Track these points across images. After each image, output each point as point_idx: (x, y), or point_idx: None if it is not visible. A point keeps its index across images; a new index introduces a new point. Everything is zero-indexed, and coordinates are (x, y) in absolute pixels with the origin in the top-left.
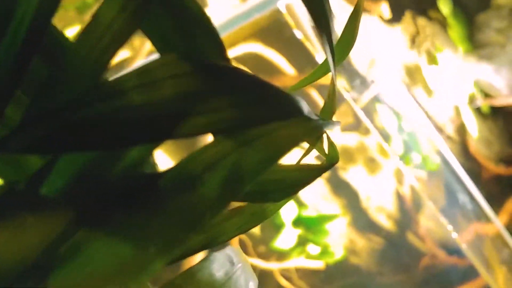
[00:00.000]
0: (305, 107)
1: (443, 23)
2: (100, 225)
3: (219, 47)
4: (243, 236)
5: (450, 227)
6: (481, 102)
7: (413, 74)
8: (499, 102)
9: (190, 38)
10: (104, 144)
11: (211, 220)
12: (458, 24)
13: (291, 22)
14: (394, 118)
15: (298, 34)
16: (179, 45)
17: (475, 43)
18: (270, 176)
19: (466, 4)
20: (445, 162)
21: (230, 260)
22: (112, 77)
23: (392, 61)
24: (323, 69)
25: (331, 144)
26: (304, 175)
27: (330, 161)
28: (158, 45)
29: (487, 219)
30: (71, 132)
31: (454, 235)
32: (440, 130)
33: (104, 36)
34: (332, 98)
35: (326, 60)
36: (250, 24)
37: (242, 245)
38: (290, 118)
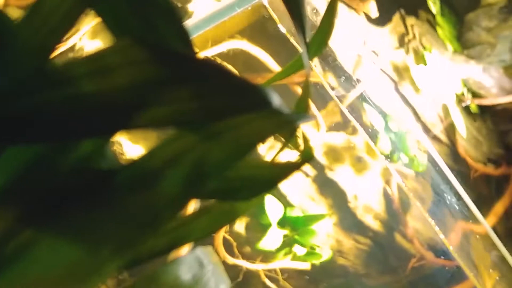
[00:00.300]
0: (276, 100)
1: (432, 23)
2: (48, 225)
3: (182, 34)
4: (227, 236)
5: (437, 229)
6: (469, 102)
7: (401, 72)
8: (487, 101)
9: (149, 22)
10: (51, 136)
11: (172, 220)
12: (447, 23)
13: (275, 16)
14: (381, 117)
15: (282, 29)
16: (136, 29)
17: (464, 43)
18: (239, 173)
19: (456, 3)
20: (433, 162)
21: (200, 263)
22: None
23: (380, 59)
24: (299, 62)
25: (305, 140)
26: (277, 172)
27: (304, 158)
28: (113, 28)
29: (475, 220)
30: (14, 123)
31: (442, 236)
32: (428, 129)
33: (51, 17)
34: (306, 92)
35: (297, 60)
36: (234, 20)
37: (227, 245)
38: (258, 110)
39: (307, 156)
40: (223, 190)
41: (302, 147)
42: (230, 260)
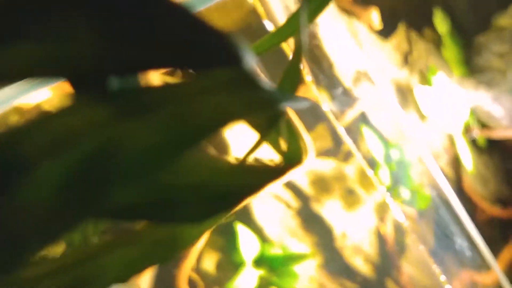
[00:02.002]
0: (250, 59)
1: (437, 43)
2: None
3: None
4: (193, 275)
5: (442, 278)
6: (477, 133)
7: (404, 94)
8: (497, 134)
9: None
10: None
11: (41, 248)
12: (454, 45)
13: (261, 11)
14: (381, 143)
15: (269, 26)
16: None
17: (472, 67)
18: (183, 178)
19: (464, 24)
20: (441, 198)
21: None
22: None
23: (381, 77)
24: (296, 21)
25: (293, 135)
26: (245, 181)
27: (288, 161)
28: None
29: (485, 268)
30: None
31: (448, 287)
32: (433, 161)
33: None
34: (298, 58)
35: (294, 17)
36: (212, 11)
37: (192, 285)
38: (217, 68)
39: (292, 159)
40: (154, 205)
41: (288, 145)
42: None
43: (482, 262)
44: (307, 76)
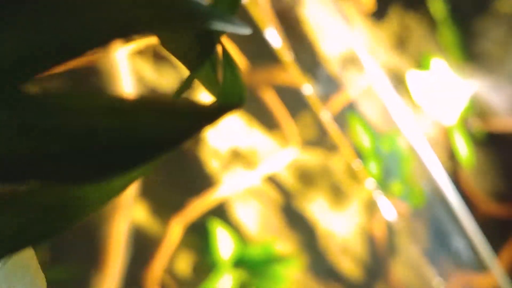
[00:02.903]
0: None
1: (433, 28)
2: None
3: None
4: (165, 277)
5: (437, 280)
6: (475, 124)
7: (396, 81)
8: (496, 125)
9: None
10: None
11: None
12: (450, 30)
13: None
14: (371, 133)
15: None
16: None
17: (469, 54)
18: (70, 123)
19: (461, 8)
20: (434, 193)
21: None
22: None
23: (372, 62)
24: None
25: (231, 70)
26: (159, 125)
27: (225, 101)
28: None
29: (484, 268)
30: None
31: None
32: (428, 154)
33: None
34: None
35: None
36: None
37: None
38: None
39: (231, 99)
40: (31, 160)
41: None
42: None
43: (481, 263)
44: (287, 54)
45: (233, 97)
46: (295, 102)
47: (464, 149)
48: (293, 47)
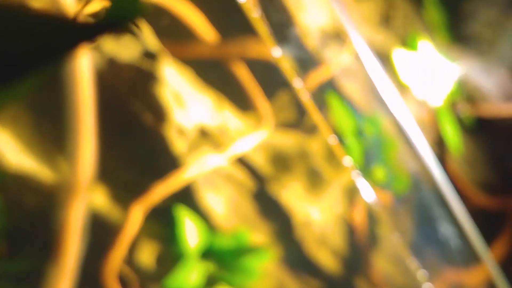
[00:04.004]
0: None
1: (420, 6)
2: None
3: None
4: (125, 268)
5: (422, 273)
6: (463, 110)
7: (381, 59)
8: (485, 111)
9: None
10: None
11: None
12: (438, 9)
13: None
14: (352, 114)
15: None
16: None
17: (457, 35)
18: None
19: None
20: (421, 178)
21: None
22: None
23: (355, 37)
24: None
25: None
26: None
27: (115, 15)
28: None
29: (475, 261)
30: None
31: (427, 286)
32: (414, 137)
33: None
34: None
35: None
36: None
37: (124, 281)
38: None
39: (123, 12)
40: None
41: None
42: None
43: (471, 255)
44: (261, 27)
45: (124, 13)
46: (269, 78)
47: (452, 135)
48: (270, 17)
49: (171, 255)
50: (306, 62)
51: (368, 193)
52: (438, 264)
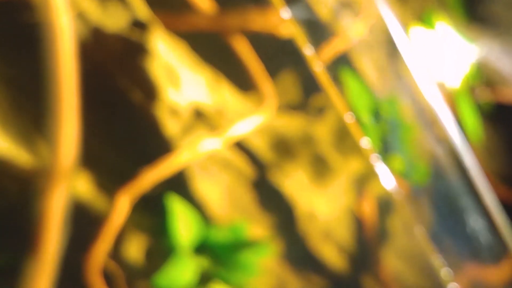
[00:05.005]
0: None
1: None
2: None
3: None
4: (110, 263)
5: (445, 271)
6: (482, 95)
7: (398, 37)
8: (504, 96)
9: None
10: None
11: None
12: None
13: None
14: (368, 94)
15: None
16: None
17: (475, 17)
18: None
19: None
20: (444, 167)
21: None
22: None
23: (371, 11)
24: None
25: None
26: None
27: None
28: None
29: (506, 255)
30: None
31: (453, 286)
32: (440, 119)
33: None
34: None
35: None
36: None
37: (109, 277)
38: None
39: None
40: None
41: None
42: None
43: (502, 251)
44: None
45: None
46: (273, 54)
47: (471, 122)
48: None
49: (161, 249)
50: (318, 33)
51: (387, 180)
52: (464, 261)
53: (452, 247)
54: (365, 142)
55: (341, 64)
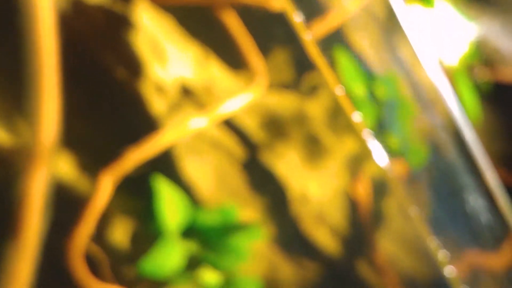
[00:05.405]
0: None
1: None
2: None
3: None
4: (94, 248)
5: (443, 254)
6: (480, 74)
7: (395, 12)
8: (505, 76)
9: None
10: None
11: None
12: None
13: None
14: (363, 72)
15: None
16: None
17: None
18: None
19: None
20: (443, 145)
21: None
22: None
23: None
24: None
25: None
26: None
27: None
28: None
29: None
30: None
31: (450, 269)
32: (430, 102)
33: None
34: None
35: None
36: None
37: (92, 262)
38: None
39: None
40: None
41: None
42: None
43: (504, 232)
44: None
45: None
46: (265, 30)
47: (470, 102)
48: None
49: (147, 233)
50: (311, 6)
51: (382, 160)
52: (462, 244)
53: (451, 229)
54: (360, 121)
55: (335, 39)
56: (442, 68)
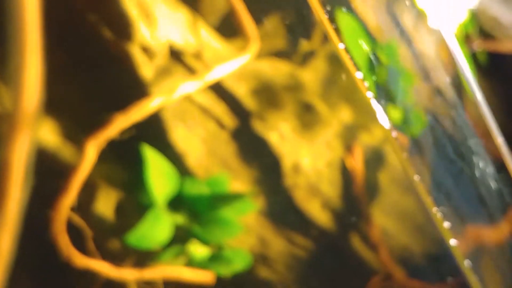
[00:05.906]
0: None
1: None
2: None
3: None
4: (78, 220)
5: (447, 225)
6: (478, 45)
7: None
8: (503, 47)
9: None
10: None
11: None
12: None
13: None
14: (364, 38)
15: None
16: None
17: None
18: None
19: None
20: (440, 116)
21: None
22: None
23: None
24: None
25: None
26: None
27: None
28: None
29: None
30: None
31: (453, 242)
32: (432, 70)
33: None
34: None
35: None
36: None
37: (76, 235)
38: None
39: None
40: None
41: None
42: (80, 262)
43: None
44: None
45: None
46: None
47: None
48: None
49: (133, 204)
50: None
51: (382, 129)
52: (468, 215)
53: (454, 200)
54: (360, 75)
55: (337, 3)
56: (439, 36)
